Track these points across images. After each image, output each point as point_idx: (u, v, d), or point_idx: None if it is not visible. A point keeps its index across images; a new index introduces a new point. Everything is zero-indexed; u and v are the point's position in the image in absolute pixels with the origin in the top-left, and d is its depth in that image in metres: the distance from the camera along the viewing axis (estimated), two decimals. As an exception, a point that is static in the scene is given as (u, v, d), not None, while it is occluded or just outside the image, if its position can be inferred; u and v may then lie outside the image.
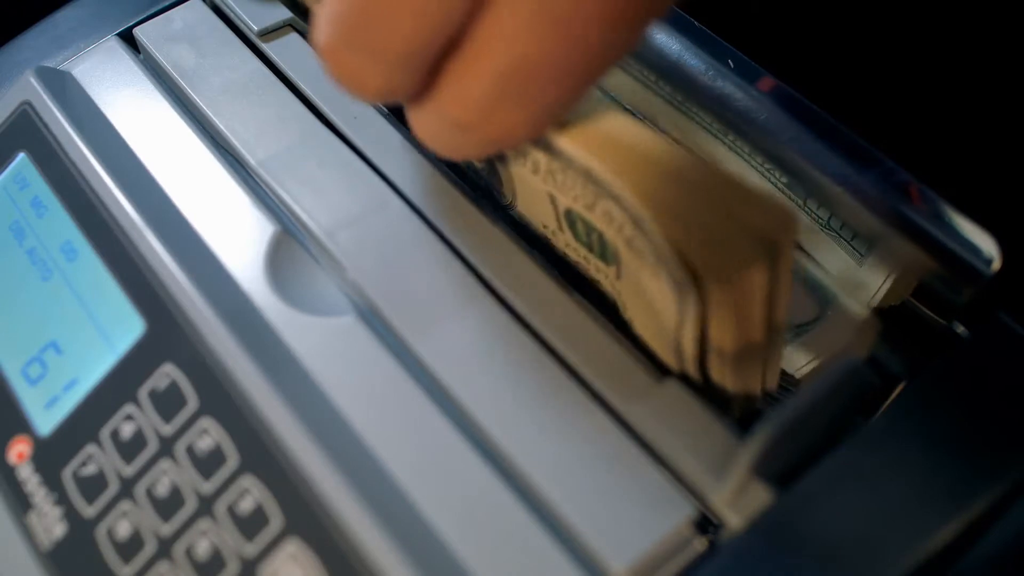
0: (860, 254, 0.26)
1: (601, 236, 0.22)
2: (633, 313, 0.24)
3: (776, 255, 0.19)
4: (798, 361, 0.27)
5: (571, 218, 0.23)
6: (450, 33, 0.19)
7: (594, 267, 0.24)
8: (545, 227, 0.25)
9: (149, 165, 0.28)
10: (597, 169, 0.20)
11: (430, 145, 0.21)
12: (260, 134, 0.28)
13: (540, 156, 0.21)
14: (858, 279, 0.27)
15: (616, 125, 0.21)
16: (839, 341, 0.26)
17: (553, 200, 0.23)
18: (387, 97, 0.20)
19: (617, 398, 0.23)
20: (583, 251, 0.24)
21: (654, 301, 0.22)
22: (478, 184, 0.27)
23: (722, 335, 0.21)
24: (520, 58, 0.18)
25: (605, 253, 0.23)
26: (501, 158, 0.23)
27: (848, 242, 0.26)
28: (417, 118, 0.21)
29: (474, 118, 0.20)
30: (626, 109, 0.30)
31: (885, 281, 0.26)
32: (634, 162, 0.20)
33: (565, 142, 0.21)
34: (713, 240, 0.19)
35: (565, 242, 0.24)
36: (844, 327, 0.27)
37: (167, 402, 0.24)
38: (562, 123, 0.21)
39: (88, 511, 0.24)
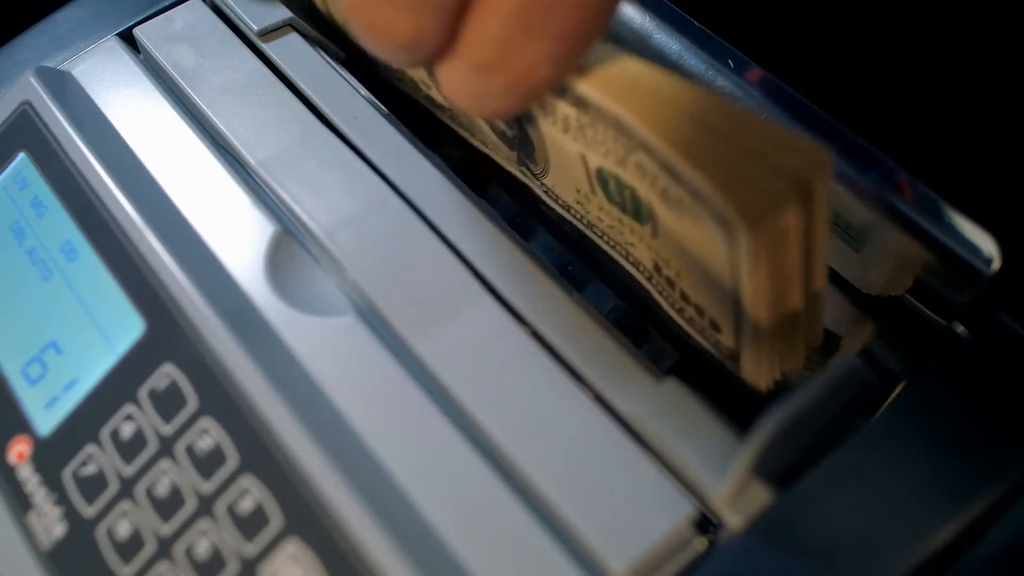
0: (856, 242, 0.26)
1: (634, 192, 0.22)
2: (679, 267, 0.23)
3: (810, 195, 0.18)
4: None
5: (603, 177, 0.22)
6: None
7: (629, 228, 0.24)
8: (578, 191, 0.24)
9: (149, 165, 0.28)
10: (625, 116, 0.19)
11: (459, 102, 0.21)
12: (260, 134, 0.28)
13: (569, 111, 0.21)
14: (855, 270, 0.27)
15: (640, 70, 0.20)
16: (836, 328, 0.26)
17: (584, 160, 0.22)
18: (418, 50, 0.20)
19: (617, 398, 0.23)
20: (616, 212, 0.23)
21: (701, 249, 0.21)
22: (497, 174, 0.27)
23: (756, 286, 0.20)
24: None
25: (639, 211, 0.22)
26: (530, 119, 0.23)
27: (843, 230, 0.26)
28: (444, 74, 0.21)
29: (496, 56, 0.20)
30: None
31: (882, 273, 0.26)
32: (660, 106, 0.19)
33: (591, 90, 0.20)
34: (742, 180, 0.18)
35: (599, 205, 0.24)
36: (839, 316, 0.27)
37: (167, 402, 0.24)
38: (586, 72, 0.20)
39: (88, 511, 0.24)
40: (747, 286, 0.20)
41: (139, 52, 0.32)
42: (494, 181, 0.29)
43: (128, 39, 0.32)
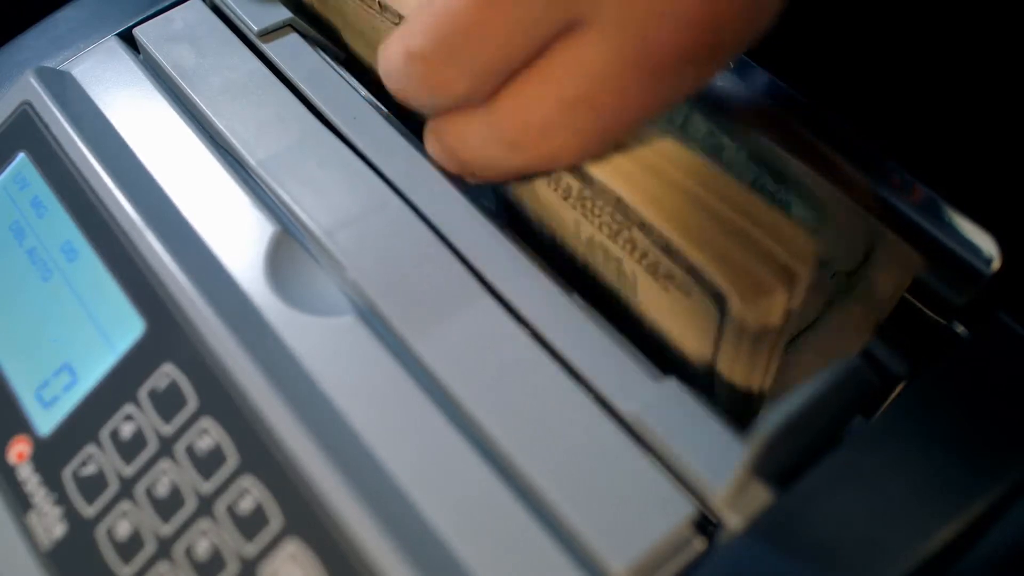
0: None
1: (619, 265, 0.23)
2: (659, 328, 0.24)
3: (795, 282, 0.20)
4: (800, 361, 0.27)
5: (591, 246, 0.23)
6: (537, 51, 0.19)
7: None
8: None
9: (149, 165, 0.28)
10: (628, 199, 0.21)
11: (468, 156, 0.22)
12: (260, 134, 0.28)
13: (573, 183, 0.22)
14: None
15: (647, 149, 0.21)
16: (839, 340, 0.26)
17: (578, 227, 0.23)
18: (462, 102, 0.21)
19: (617, 398, 0.23)
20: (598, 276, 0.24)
21: (684, 317, 0.23)
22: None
23: (738, 345, 0.22)
24: (592, 91, 0.19)
25: (622, 281, 0.24)
26: (529, 179, 0.24)
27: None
28: (466, 129, 0.22)
29: (528, 139, 0.20)
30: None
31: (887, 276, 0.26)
32: (665, 189, 0.21)
33: (598, 170, 0.21)
34: (739, 266, 0.20)
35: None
36: (844, 325, 0.27)
37: (167, 402, 0.24)
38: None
39: (88, 511, 0.24)
40: (727, 346, 0.22)
41: (139, 52, 0.32)
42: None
43: (128, 39, 0.32)
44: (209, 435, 0.24)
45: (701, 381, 0.24)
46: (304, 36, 0.31)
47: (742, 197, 0.21)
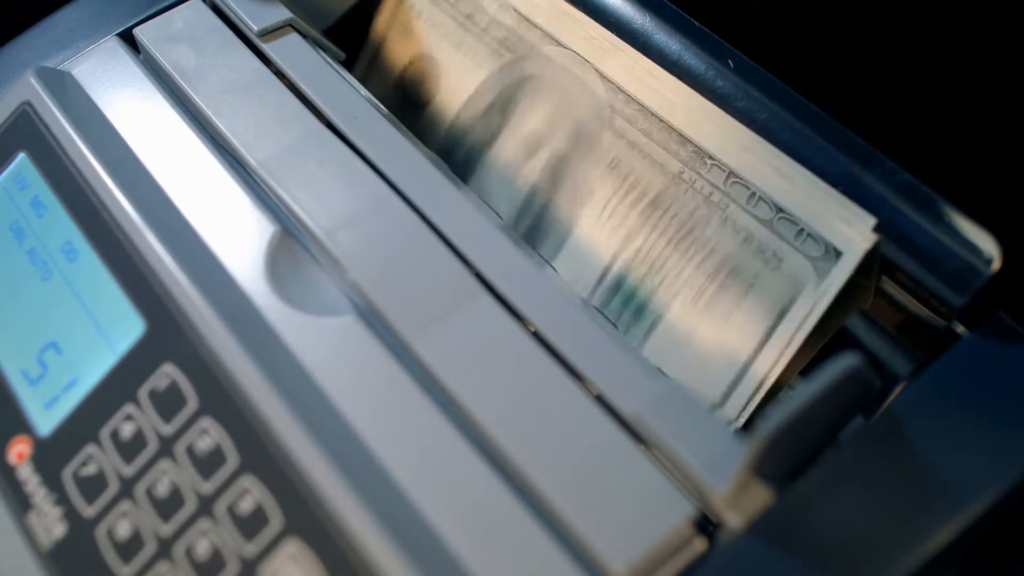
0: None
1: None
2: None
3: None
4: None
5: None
6: None
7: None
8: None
9: (149, 165, 0.28)
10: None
11: None
12: (260, 134, 0.28)
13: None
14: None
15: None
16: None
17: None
18: None
19: (617, 398, 0.23)
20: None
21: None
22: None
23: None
24: None
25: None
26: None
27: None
28: None
29: None
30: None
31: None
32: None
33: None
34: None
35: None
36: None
37: (167, 402, 0.24)
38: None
39: (88, 511, 0.24)
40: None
41: (139, 52, 0.32)
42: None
43: (128, 39, 0.32)
44: (209, 435, 0.24)
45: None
46: (304, 36, 0.31)
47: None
